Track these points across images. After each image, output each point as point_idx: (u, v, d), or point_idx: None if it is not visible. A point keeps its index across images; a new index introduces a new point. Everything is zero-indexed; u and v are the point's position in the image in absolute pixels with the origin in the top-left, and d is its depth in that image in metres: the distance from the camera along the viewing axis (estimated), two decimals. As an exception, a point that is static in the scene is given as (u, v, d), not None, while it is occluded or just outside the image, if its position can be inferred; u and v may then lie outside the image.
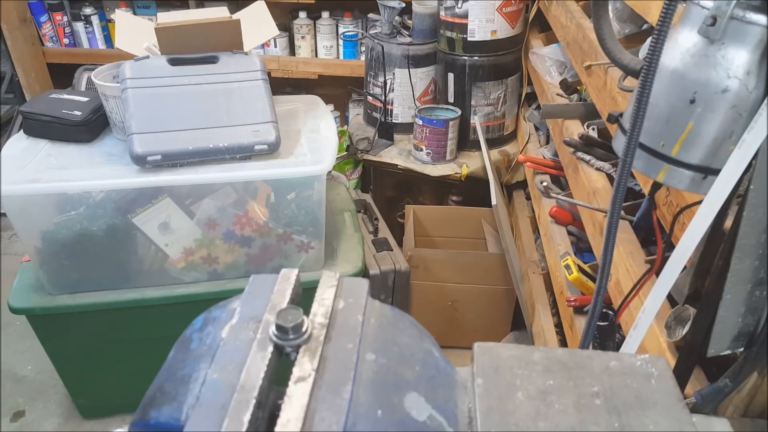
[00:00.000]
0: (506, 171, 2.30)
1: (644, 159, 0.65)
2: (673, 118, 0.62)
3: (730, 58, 0.58)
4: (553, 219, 1.62)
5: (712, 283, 0.66)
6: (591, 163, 1.38)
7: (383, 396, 0.46)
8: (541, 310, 1.65)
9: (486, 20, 2.14)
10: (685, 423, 0.48)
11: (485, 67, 2.22)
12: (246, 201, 1.54)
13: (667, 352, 0.81)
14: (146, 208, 1.49)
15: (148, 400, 0.47)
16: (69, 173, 1.45)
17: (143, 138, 1.40)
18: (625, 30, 1.43)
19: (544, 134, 2.14)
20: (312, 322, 0.51)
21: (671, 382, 0.51)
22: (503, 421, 0.47)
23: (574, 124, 1.59)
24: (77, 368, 1.74)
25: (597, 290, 0.69)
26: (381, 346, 0.50)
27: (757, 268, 0.63)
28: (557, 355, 0.53)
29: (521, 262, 1.94)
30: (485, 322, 2.16)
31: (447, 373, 0.53)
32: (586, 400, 0.49)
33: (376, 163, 2.35)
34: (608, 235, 0.66)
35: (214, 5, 1.89)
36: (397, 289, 1.97)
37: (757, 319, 0.66)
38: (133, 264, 1.57)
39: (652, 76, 0.57)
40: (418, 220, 2.31)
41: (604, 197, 1.24)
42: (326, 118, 1.73)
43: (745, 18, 0.57)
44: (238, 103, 1.49)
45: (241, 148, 1.45)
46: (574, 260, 1.39)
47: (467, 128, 2.31)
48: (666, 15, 0.55)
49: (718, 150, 0.62)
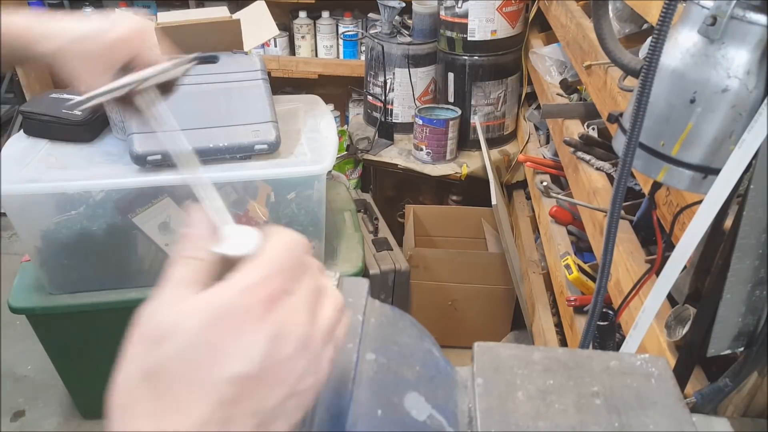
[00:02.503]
0: (506, 171, 2.30)
1: (644, 159, 0.65)
2: (673, 118, 0.62)
3: (730, 58, 0.58)
4: (553, 219, 1.61)
5: (712, 283, 0.66)
6: (591, 162, 1.38)
7: (383, 396, 0.46)
8: (541, 309, 1.65)
9: (486, 20, 2.14)
10: (685, 423, 0.48)
11: (485, 67, 2.22)
12: (246, 201, 1.54)
13: (667, 351, 0.81)
14: (146, 208, 1.49)
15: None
16: (69, 173, 1.45)
17: (143, 138, 1.40)
18: (625, 30, 1.43)
19: (544, 134, 2.14)
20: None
21: (671, 381, 0.51)
22: (503, 420, 0.47)
23: (574, 123, 1.59)
24: (77, 368, 1.74)
25: (597, 290, 0.69)
26: (381, 346, 0.50)
27: (757, 267, 0.63)
28: (557, 355, 0.53)
29: (521, 262, 1.94)
30: (485, 321, 2.16)
31: (447, 373, 0.53)
32: (586, 400, 0.49)
33: (376, 162, 2.35)
34: (608, 235, 0.66)
35: (214, 5, 1.89)
36: (397, 288, 1.97)
37: (758, 319, 0.66)
38: (133, 264, 1.57)
39: (652, 76, 0.57)
40: (418, 219, 2.31)
41: (604, 197, 1.24)
42: (326, 118, 1.72)
43: (746, 18, 0.57)
44: (238, 102, 1.49)
45: (241, 148, 1.45)
46: (574, 260, 1.39)
47: (467, 128, 2.31)
48: (666, 15, 0.55)
49: (718, 150, 0.62)
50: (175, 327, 0.33)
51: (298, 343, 0.35)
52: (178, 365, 0.33)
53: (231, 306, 0.34)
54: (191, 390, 0.33)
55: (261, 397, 0.34)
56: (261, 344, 0.34)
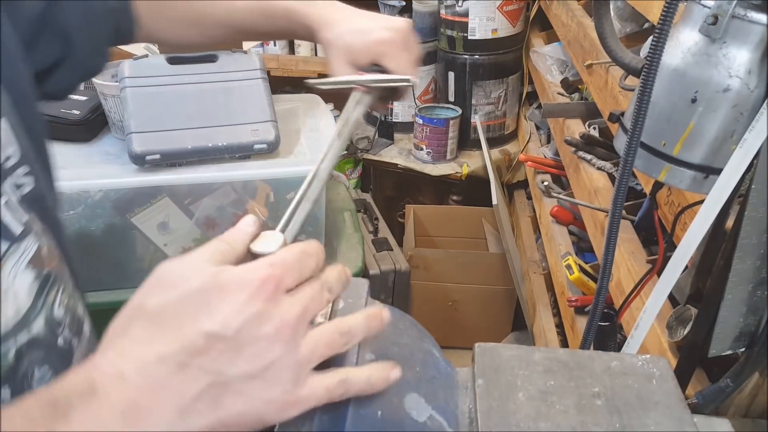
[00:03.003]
0: (507, 170, 2.30)
1: (645, 158, 0.65)
2: (674, 118, 0.62)
3: (731, 57, 0.58)
4: (554, 218, 1.61)
5: (713, 283, 0.66)
6: (592, 162, 1.38)
7: (383, 396, 0.46)
8: (542, 310, 1.65)
9: (487, 19, 2.14)
10: (686, 423, 0.47)
11: (486, 66, 2.22)
12: (245, 200, 1.53)
13: (669, 352, 0.81)
14: (145, 208, 1.48)
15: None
16: (67, 172, 1.44)
17: (142, 137, 1.40)
18: (626, 29, 1.42)
19: (545, 133, 2.14)
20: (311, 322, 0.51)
21: (672, 382, 0.51)
22: (504, 421, 0.47)
23: (575, 123, 1.59)
24: (77, 368, 1.74)
25: (598, 290, 0.69)
26: (381, 347, 0.50)
27: (758, 268, 0.62)
28: (558, 356, 0.53)
29: (522, 262, 1.94)
30: (486, 322, 2.15)
31: (447, 374, 0.53)
32: (587, 401, 0.49)
33: (376, 162, 2.35)
34: (609, 235, 0.66)
35: (213, 4, 1.89)
36: (397, 289, 1.96)
37: (759, 320, 0.66)
38: (132, 264, 1.57)
39: (653, 75, 0.57)
40: (418, 219, 2.31)
41: (606, 197, 1.23)
42: (326, 118, 1.72)
43: (747, 17, 0.57)
44: (237, 101, 1.48)
45: (240, 147, 1.44)
46: (575, 260, 1.39)
47: (468, 127, 2.31)
48: (667, 14, 0.55)
49: (719, 149, 0.61)
50: (182, 280, 0.39)
51: (278, 330, 0.38)
52: (172, 309, 0.38)
53: (231, 279, 0.39)
54: (169, 330, 0.38)
55: (223, 360, 0.37)
56: (242, 315, 0.38)
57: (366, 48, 0.75)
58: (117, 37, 0.79)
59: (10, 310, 0.47)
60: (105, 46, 0.78)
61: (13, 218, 0.48)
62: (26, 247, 0.50)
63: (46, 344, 0.51)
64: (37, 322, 0.50)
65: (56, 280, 0.54)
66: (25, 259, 0.49)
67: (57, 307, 0.54)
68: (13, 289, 0.47)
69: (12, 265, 0.47)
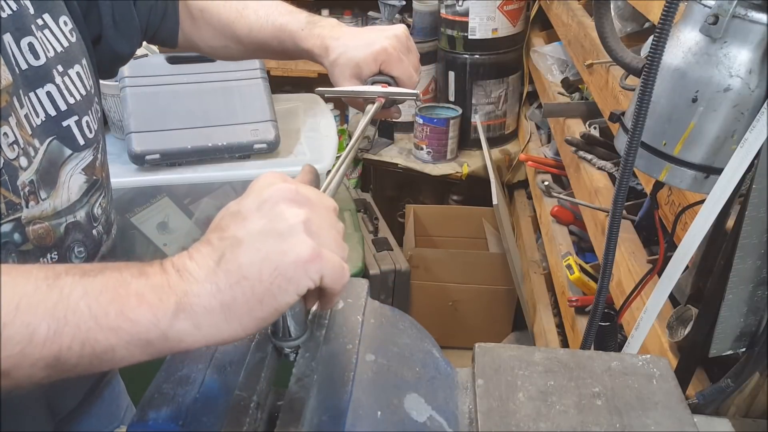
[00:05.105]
0: (507, 170, 2.30)
1: (646, 158, 0.65)
2: (675, 117, 0.62)
3: (732, 57, 0.58)
4: (554, 218, 1.61)
5: (714, 283, 0.66)
6: (593, 162, 1.38)
7: (383, 397, 0.46)
8: (543, 310, 1.65)
9: (487, 18, 2.14)
10: (686, 423, 0.47)
11: (486, 66, 2.22)
12: (246, 200, 1.53)
13: (669, 352, 0.81)
14: (144, 208, 1.48)
15: (147, 401, 0.47)
16: (68, 172, 1.45)
17: (142, 137, 1.39)
18: (626, 28, 1.42)
19: (545, 133, 2.14)
20: (311, 322, 0.51)
21: (673, 382, 0.51)
22: (504, 421, 0.47)
23: (575, 123, 1.59)
24: (77, 368, 1.74)
25: (598, 290, 0.69)
26: (381, 347, 0.50)
27: (759, 267, 0.62)
28: (558, 356, 0.53)
29: (522, 262, 1.94)
30: (486, 322, 2.15)
31: (447, 374, 0.53)
32: (587, 401, 0.49)
33: (376, 162, 2.35)
34: (610, 235, 0.66)
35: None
36: (397, 289, 1.96)
37: (759, 320, 0.66)
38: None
39: (654, 75, 0.57)
40: (418, 219, 2.31)
41: (606, 196, 1.23)
42: (326, 117, 1.72)
43: (748, 17, 0.57)
44: (237, 101, 1.48)
45: (240, 147, 1.44)
46: (576, 260, 1.39)
47: (468, 127, 2.31)
48: (668, 13, 0.55)
49: (720, 149, 0.61)
50: (261, 191, 0.49)
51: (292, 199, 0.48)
52: (246, 209, 0.49)
53: (280, 192, 0.48)
54: (237, 220, 0.49)
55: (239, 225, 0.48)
56: (270, 214, 0.47)
57: (372, 58, 0.81)
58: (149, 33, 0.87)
59: (63, 197, 0.66)
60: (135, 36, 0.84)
61: (79, 133, 0.67)
62: (84, 156, 0.69)
63: (84, 230, 0.70)
64: (80, 212, 0.69)
65: (100, 187, 0.72)
66: (80, 165, 0.68)
67: (96, 207, 0.72)
68: (68, 184, 0.67)
69: (71, 168, 0.67)
